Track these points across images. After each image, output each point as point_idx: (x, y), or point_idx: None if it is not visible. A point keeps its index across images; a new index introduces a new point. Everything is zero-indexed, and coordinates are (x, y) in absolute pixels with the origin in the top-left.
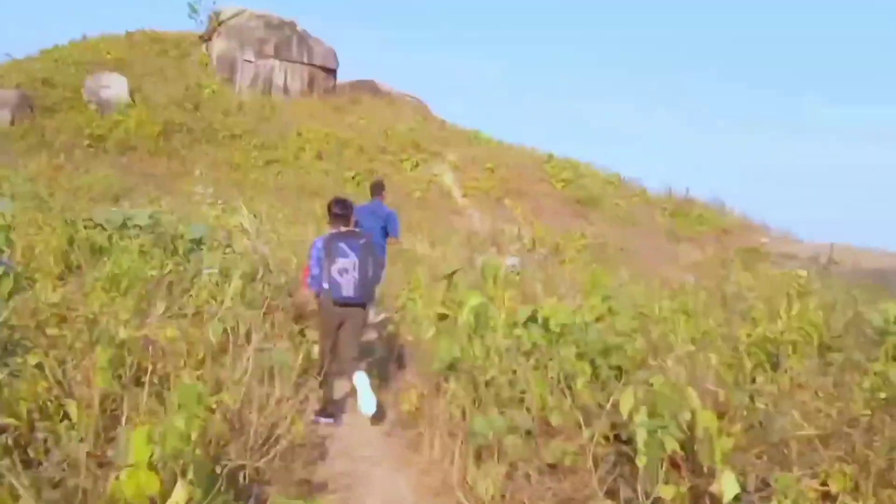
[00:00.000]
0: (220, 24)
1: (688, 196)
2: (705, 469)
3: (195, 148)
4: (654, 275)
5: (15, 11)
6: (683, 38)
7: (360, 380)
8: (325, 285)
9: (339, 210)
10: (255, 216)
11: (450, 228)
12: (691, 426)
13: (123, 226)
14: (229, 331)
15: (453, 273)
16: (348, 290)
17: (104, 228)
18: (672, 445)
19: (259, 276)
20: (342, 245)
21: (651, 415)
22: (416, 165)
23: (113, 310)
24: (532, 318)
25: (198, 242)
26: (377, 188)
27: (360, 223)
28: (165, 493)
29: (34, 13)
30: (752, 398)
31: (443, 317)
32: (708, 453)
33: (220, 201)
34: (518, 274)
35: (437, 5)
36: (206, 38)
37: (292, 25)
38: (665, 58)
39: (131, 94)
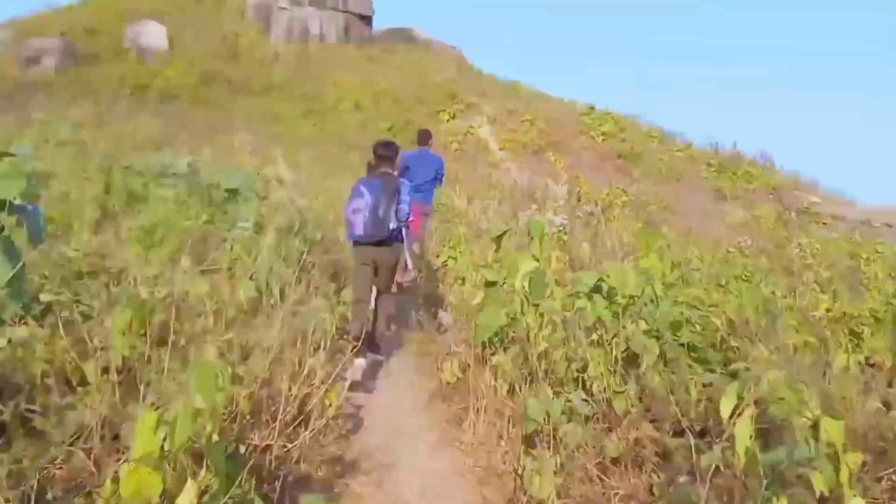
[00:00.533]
0: None
1: (735, 152)
2: (825, 493)
3: (234, 98)
4: (702, 235)
5: None
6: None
7: (357, 365)
8: (348, 226)
9: (382, 151)
10: (292, 167)
11: (487, 182)
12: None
13: (162, 174)
14: (262, 290)
15: (502, 235)
16: (359, 228)
17: (143, 176)
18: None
19: (295, 230)
20: (361, 186)
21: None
22: (453, 117)
23: (142, 263)
24: (596, 288)
25: (234, 192)
26: (425, 136)
27: (410, 170)
28: (175, 490)
29: None
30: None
31: (491, 283)
32: (830, 475)
33: (257, 152)
34: (566, 234)
35: None
36: None
37: None
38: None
39: (170, 42)
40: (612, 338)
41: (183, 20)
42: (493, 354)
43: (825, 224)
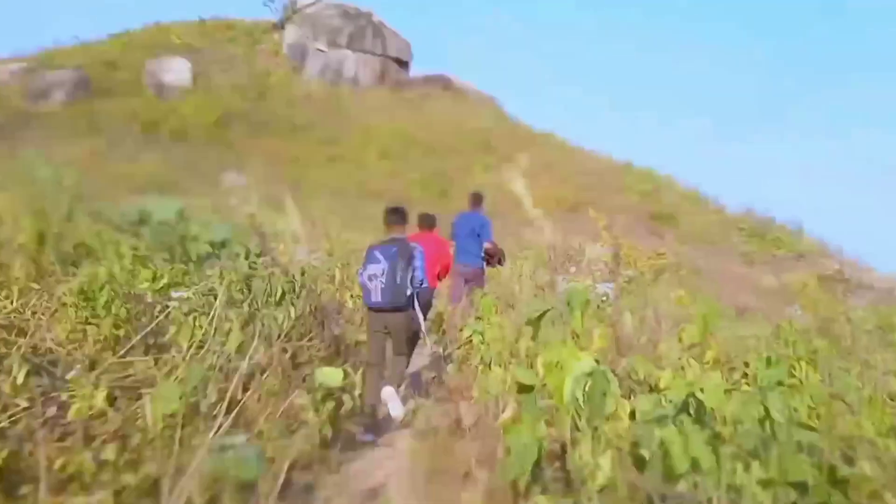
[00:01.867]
0: (295, 13)
1: (766, 216)
2: None
3: (253, 139)
4: (732, 301)
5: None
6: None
7: (387, 393)
8: (363, 292)
9: (391, 218)
10: (306, 217)
11: (520, 241)
12: None
13: (140, 222)
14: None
15: (542, 315)
16: (376, 295)
17: (114, 224)
18: None
19: (278, 297)
20: (375, 252)
21: None
22: (487, 169)
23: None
24: (684, 408)
25: (221, 246)
26: (476, 199)
27: (455, 231)
28: None
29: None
30: None
31: (525, 388)
32: None
33: (270, 198)
34: (609, 305)
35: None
36: (279, 27)
37: (368, 16)
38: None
39: (195, 79)
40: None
41: (213, 57)
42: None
43: (851, 292)
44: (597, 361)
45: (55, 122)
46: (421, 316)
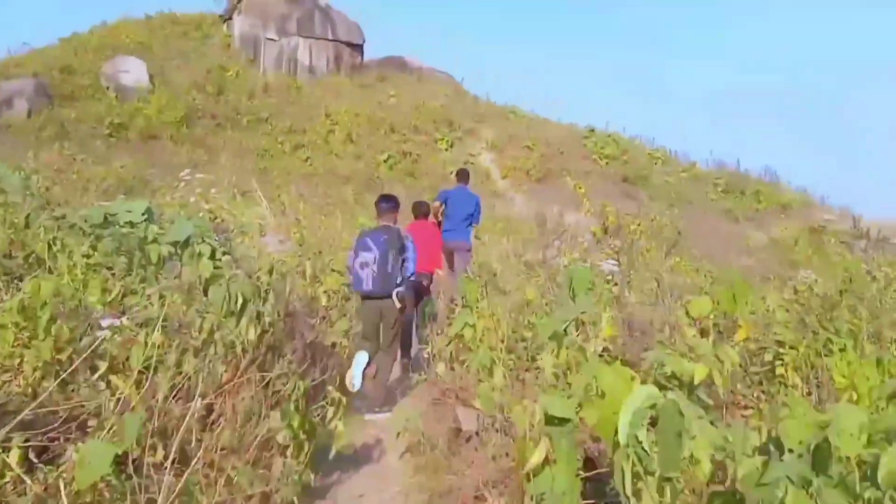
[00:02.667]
0: (240, 2)
1: (740, 170)
2: None
3: (220, 134)
4: (726, 262)
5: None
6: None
7: (359, 357)
8: (352, 279)
9: (384, 204)
10: (277, 206)
11: (492, 214)
12: None
13: (103, 226)
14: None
15: (564, 331)
16: (367, 283)
17: (81, 231)
18: None
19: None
20: (367, 239)
21: None
22: (451, 145)
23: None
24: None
25: (184, 246)
26: (463, 175)
27: (447, 207)
28: None
29: (54, 3)
30: None
31: (557, 420)
32: None
33: (242, 190)
34: (615, 284)
35: None
36: (227, 18)
37: (314, 0)
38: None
39: (151, 78)
40: None
41: (165, 55)
42: None
43: (843, 243)
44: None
45: (21, 132)
46: (415, 325)
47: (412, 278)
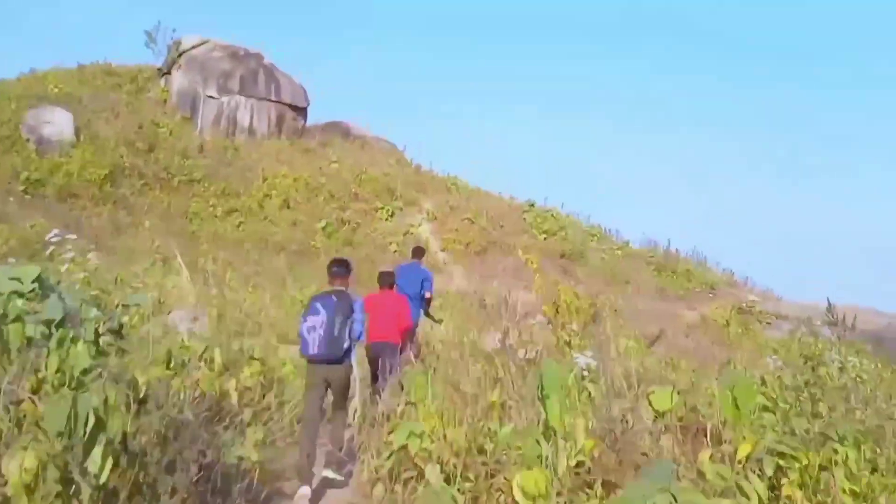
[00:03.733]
0: (180, 56)
1: (670, 250)
2: None
3: (147, 194)
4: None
5: None
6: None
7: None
8: (300, 344)
9: (336, 268)
10: (196, 276)
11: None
12: None
13: None
14: None
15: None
16: (314, 346)
17: None
18: None
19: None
20: (316, 304)
21: None
22: (392, 215)
23: None
24: None
25: (58, 327)
26: (418, 252)
27: (398, 283)
28: None
29: None
30: None
31: None
32: None
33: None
34: (592, 381)
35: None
36: (164, 72)
37: (258, 58)
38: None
39: (77, 131)
40: None
41: (95, 107)
42: None
43: (769, 324)
44: None
45: None
46: (357, 371)
47: (361, 338)
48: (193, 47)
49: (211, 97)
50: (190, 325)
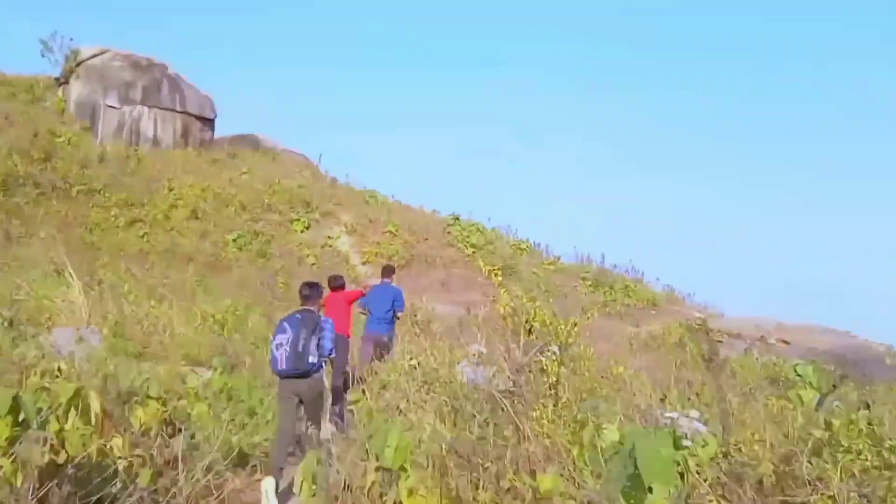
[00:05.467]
0: (78, 65)
1: (604, 266)
2: None
3: (42, 204)
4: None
5: None
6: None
7: (267, 485)
8: (270, 362)
9: (306, 291)
10: (91, 288)
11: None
12: None
13: None
14: None
15: None
16: (282, 362)
17: None
18: None
19: None
20: (284, 322)
21: None
22: (308, 227)
23: None
24: None
25: None
26: (388, 271)
27: (370, 302)
28: None
29: None
30: None
31: None
32: None
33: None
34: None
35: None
36: (62, 81)
37: (163, 68)
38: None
39: None
40: None
41: None
42: None
43: (720, 342)
44: None
45: None
46: (326, 382)
47: (332, 355)
48: (92, 56)
49: (112, 107)
50: (78, 346)
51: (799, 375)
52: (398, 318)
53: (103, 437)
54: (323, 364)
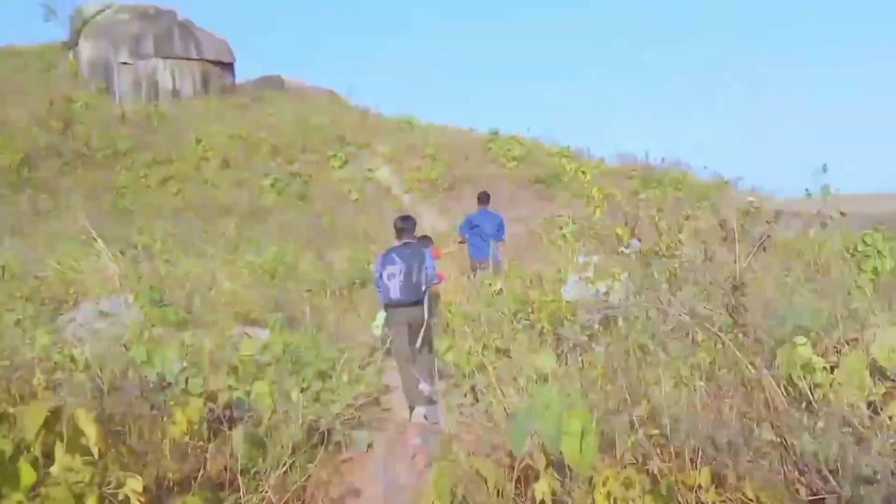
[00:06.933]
0: (84, 25)
1: (649, 163)
2: None
3: (69, 174)
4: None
5: None
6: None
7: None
8: (380, 290)
9: (400, 224)
10: (131, 252)
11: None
12: None
13: None
14: None
15: None
16: (395, 292)
17: None
18: None
19: None
20: (392, 254)
21: None
22: (345, 162)
23: None
24: None
25: None
26: (484, 198)
27: (475, 230)
28: None
29: None
30: None
31: None
32: None
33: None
34: None
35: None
36: (72, 45)
37: (172, 15)
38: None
39: None
40: None
41: (2, 88)
42: None
43: (784, 224)
44: None
45: None
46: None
47: (435, 281)
48: (98, 13)
49: (125, 63)
50: (110, 321)
51: (868, 245)
52: (503, 241)
53: (106, 476)
54: (428, 292)
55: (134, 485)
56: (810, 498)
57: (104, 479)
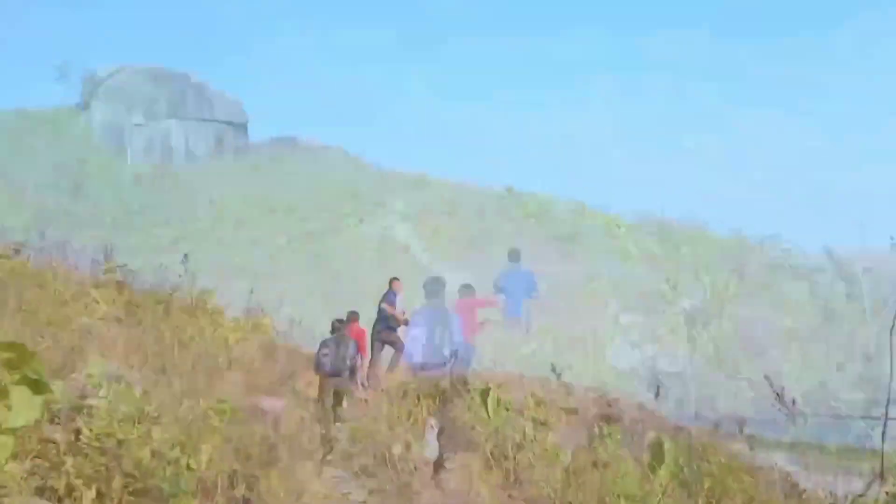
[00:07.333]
0: (97, 87)
1: (664, 217)
2: None
3: (77, 235)
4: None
5: None
6: None
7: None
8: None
9: (431, 286)
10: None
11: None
12: None
13: None
14: None
15: None
16: (417, 356)
17: None
18: None
19: None
20: (416, 316)
21: None
22: (361, 220)
23: None
24: None
25: None
26: (515, 256)
27: (505, 289)
28: None
29: None
30: None
31: None
32: None
33: None
34: None
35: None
36: (84, 107)
37: (185, 78)
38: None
39: None
40: None
41: (10, 153)
42: None
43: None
44: None
45: None
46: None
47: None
48: (110, 76)
49: (138, 125)
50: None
51: None
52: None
53: None
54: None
55: None
56: None
57: None
